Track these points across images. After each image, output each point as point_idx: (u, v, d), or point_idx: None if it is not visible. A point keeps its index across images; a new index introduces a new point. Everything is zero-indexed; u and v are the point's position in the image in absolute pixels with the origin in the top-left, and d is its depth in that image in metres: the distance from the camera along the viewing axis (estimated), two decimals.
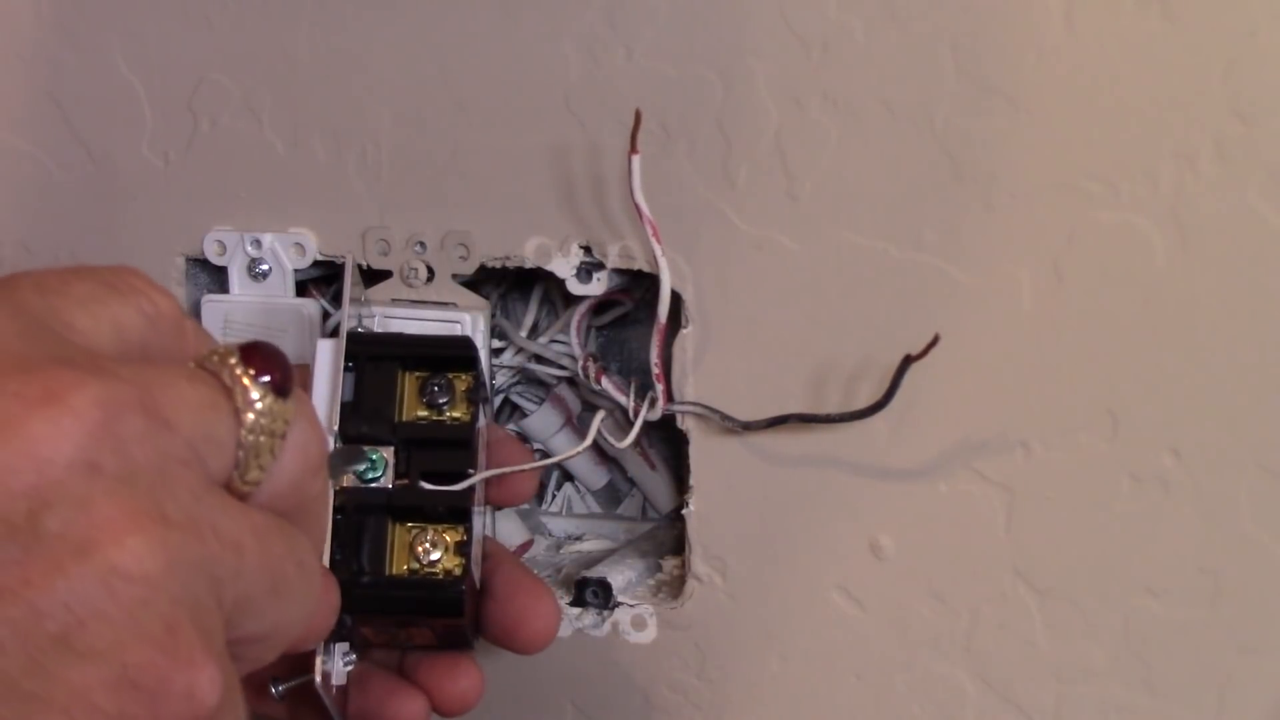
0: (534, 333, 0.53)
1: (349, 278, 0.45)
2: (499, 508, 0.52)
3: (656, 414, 0.46)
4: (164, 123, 0.52)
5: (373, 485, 0.42)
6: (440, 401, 0.43)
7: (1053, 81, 0.41)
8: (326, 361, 0.43)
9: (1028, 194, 0.42)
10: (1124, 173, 0.41)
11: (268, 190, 0.51)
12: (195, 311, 0.53)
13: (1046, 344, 0.43)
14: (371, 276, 0.50)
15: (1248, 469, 0.41)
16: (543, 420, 0.53)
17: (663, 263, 0.44)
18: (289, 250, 0.51)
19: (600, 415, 0.47)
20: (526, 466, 0.50)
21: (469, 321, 0.49)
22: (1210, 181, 0.40)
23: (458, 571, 0.42)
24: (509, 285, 0.53)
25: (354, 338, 0.44)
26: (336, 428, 0.42)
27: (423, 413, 0.43)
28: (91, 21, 0.52)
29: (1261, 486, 0.41)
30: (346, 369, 0.43)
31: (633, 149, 0.42)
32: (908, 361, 0.41)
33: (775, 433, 0.45)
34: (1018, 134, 0.42)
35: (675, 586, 0.49)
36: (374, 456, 0.42)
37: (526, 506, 0.56)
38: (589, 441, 0.46)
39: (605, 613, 0.49)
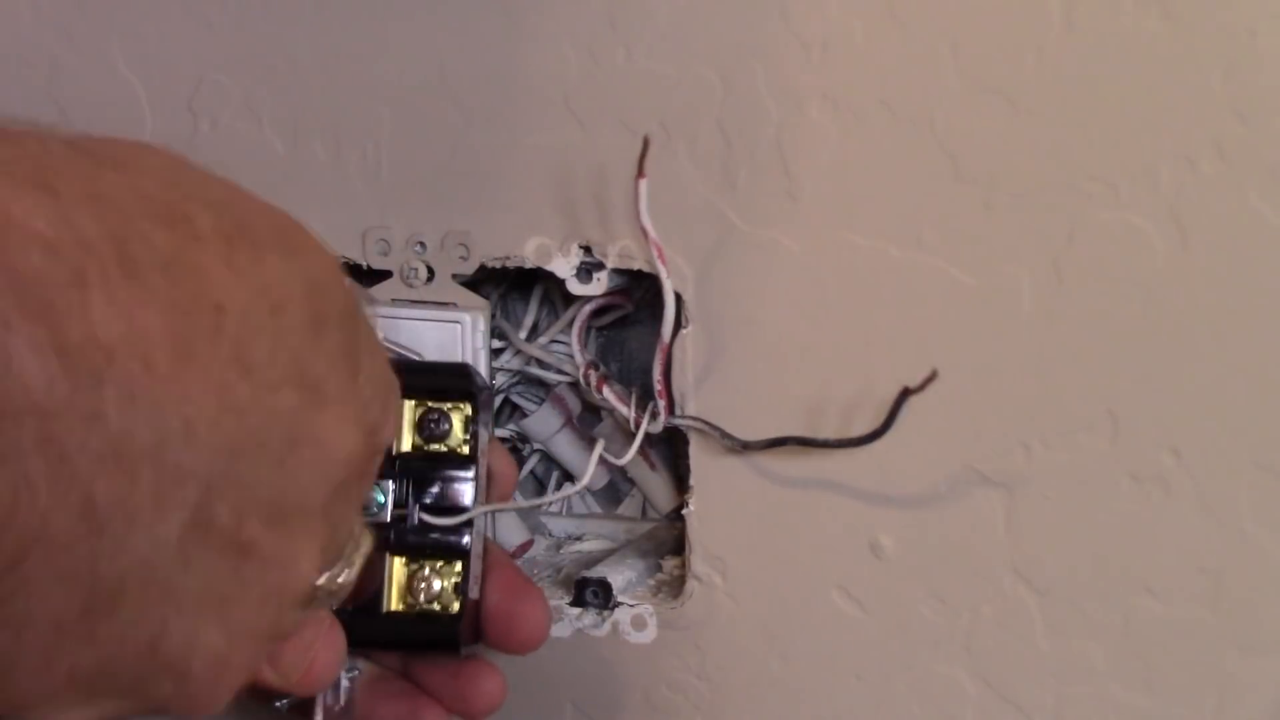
0: (534, 333, 0.53)
1: None
2: None
3: (658, 426, 0.46)
4: (164, 123, 0.52)
5: (372, 520, 0.41)
6: (440, 432, 0.42)
7: (1053, 81, 0.41)
8: None
9: (1028, 194, 0.42)
10: (1124, 173, 0.41)
11: (268, 190, 0.51)
12: None
13: (1046, 344, 0.43)
14: (371, 276, 0.50)
15: (1248, 469, 0.41)
16: (543, 420, 0.53)
17: (667, 285, 0.44)
18: None
19: (599, 446, 0.46)
20: (524, 504, 0.50)
21: (469, 321, 0.49)
22: (1210, 181, 0.40)
23: (454, 608, 0.41)
24: (509, 285, 0.53)
25: None
26: None
27: (420, 442, 0.42)
28: (91, 21, 0.52)
29: (1261, 486, 0.41)
30: None
31: (640, 174, 0.42)
32: (905, 394, 0.41)
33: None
34: (1018, 134, 0.42)
35: (675, 586, 0.49)
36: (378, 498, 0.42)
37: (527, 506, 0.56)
38: (584, 483, 0.46)
39: (605, 613, 0.49)
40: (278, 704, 0.42)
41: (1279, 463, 0.41)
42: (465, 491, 0.42)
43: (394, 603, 0.42)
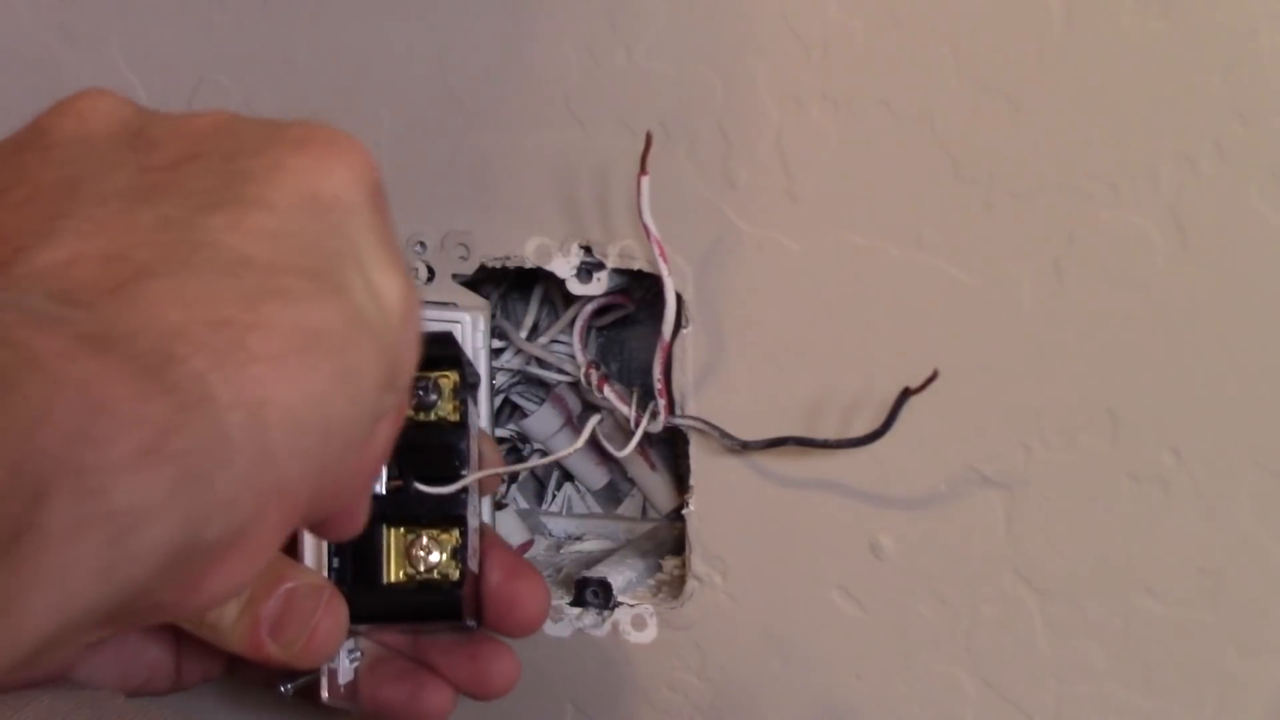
0: (534, 333, 0.53)
1: None
2: None
3: (658, 426, 0.46)
4: None
5: None
6: (430, 401, 0.42)
7: (1053, 81, 0.41)
8: None
9: (1028, 194, 0.42)
10: (1124, 173, 0.41)
11: None
12: None
13: (1046, 344, 0.43)
14: None
15: (1248, 469, 0.41)
16: (543, 420, 0.53)
17: (668, 282, 0.44)
18: None
19: (595, 419, 0.47)
20: (518, 467, 0.50)
21: (469, 321, 0.49)
22: (1210, 181, 0.40)
23: (454, 575, 0.42)
24: (509, 285, 0.53)
25: None
26: None
27: (410, 413, 0.42)
28: (91, 21, 0.52)
29: (1261, 486, 0.41)
30: None
31: (642, 170, 0.42)
32: (906, 394, 0.41)
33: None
34: (1018, 134, 0.42)
35: (675, 586, 0.49)
36: None
37: (526, 506, 0.56)
38: (581, 442, 0.46)
39: (605, 613, 0.49)
40: (282, 689, 0.42)
41: (1279, 462, 0.41)
42: (458, 459, 0.42)
43: (393, 574, 0.42)
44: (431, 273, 0.49)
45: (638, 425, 0.46)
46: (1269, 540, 0.42)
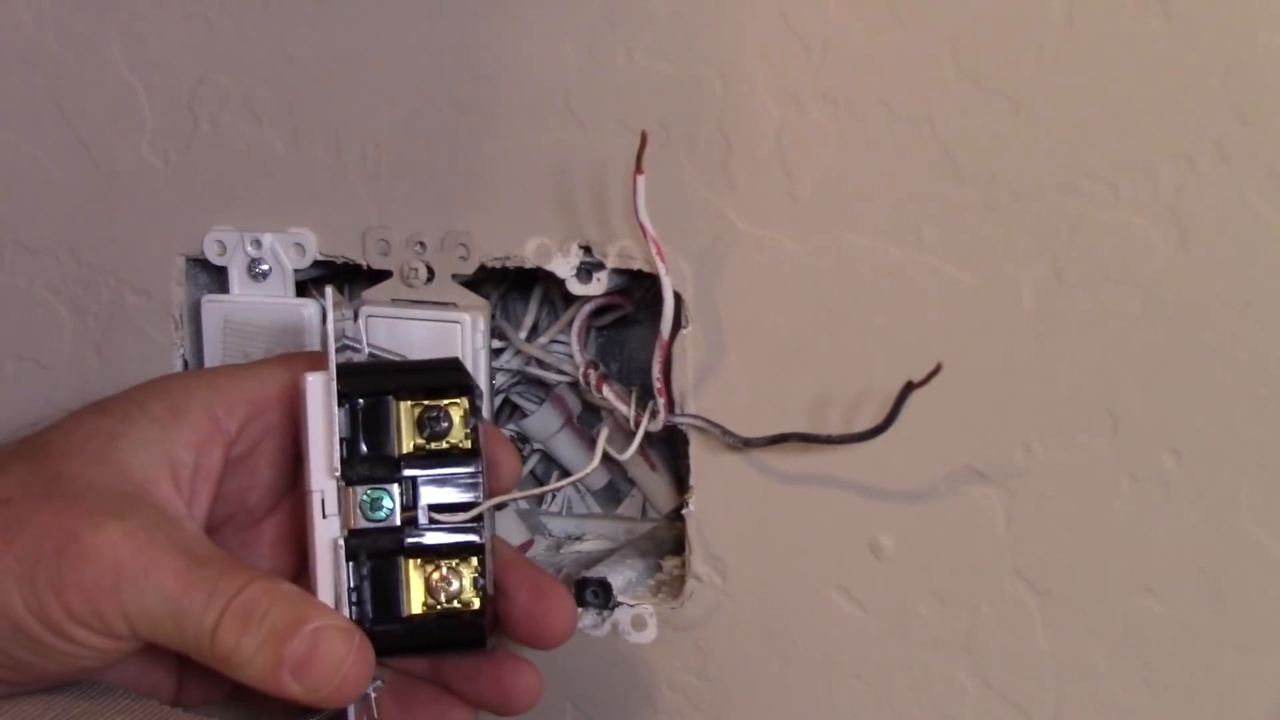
0: (534, 333, 0.53)
1: (330, 305, 0.43)
2: None
3: (658, 425, 0.46)
4: (164, 123, 0.52)
5: (382, 525, 0.41)
6: (441, 430, 0.42)
7: (1053, 81, 0.41)
8: (318, 399, 0.41)
9: (1028, 194, 0.42)
10: (1124, 173, 0.41)
11: (268, 190, 0.51)
12: (195, 312, 0.53)
13: (1046, 344, 0.43)
14: (371, 276, 0.50)
15: (1248, 469, 0.41)
16: (542, 420, 0.53)
17: (666, 281, 0.44)
18: (289, 250, 0.51)
19: (605, 433, 0.46)
20: (530, 493, 0.50)
21: (469, 321, 0.49)
22: (1210, 181, 0.40)
23: (476, 604, 0.41)
24: (509, 285, 0.53)
25: (343, 371, 0.42)
26: (339, 469, 0.41)
27: (421, 442, 0.42)
28: (91, 21, 0.52)
29: (1261, 486, 0.41)
30: (339, 405, 0.41)
31: (638, 169, 0.42)
32: (909, 388, 0.41)
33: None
34: (1018, 134, 0.42)
35: (675, 586, 0.49)
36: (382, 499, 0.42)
37: (526, 506, 0.56)
38: (595, 464, 0.46)
39: (605, 613, 0.49)
40: None
41: (1279, 462, 0.41)
42: (473, 486, 0.42)
43: (414, 606, 0.41)
44: (431, 273, 0.49)
45: (638, 425, 0.46)
46: (1269, 540, 0.42)
